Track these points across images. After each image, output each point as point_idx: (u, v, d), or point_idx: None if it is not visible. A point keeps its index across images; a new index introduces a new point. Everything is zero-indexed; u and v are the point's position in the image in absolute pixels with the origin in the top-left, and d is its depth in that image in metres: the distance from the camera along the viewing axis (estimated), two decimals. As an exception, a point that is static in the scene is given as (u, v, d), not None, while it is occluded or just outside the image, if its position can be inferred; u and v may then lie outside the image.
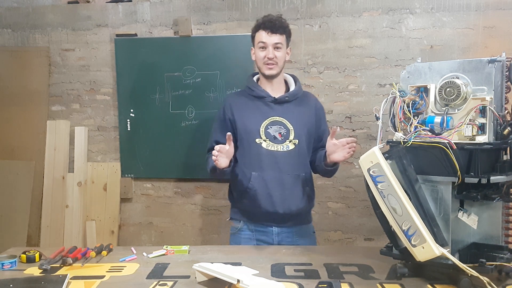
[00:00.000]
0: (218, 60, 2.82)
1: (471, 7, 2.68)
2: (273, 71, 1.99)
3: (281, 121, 1.99)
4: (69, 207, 2.99)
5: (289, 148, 1.98)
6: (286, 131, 1.99)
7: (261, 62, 2.00)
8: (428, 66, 1.47)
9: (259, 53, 1.99)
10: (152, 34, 2.92)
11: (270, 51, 1.96)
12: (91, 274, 1.55)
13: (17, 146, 3.04)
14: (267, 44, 1.96)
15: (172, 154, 2.91)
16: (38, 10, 3.01)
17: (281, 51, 1.99)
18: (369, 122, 2.80)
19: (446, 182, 1.37)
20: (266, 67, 1.99)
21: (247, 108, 2.03)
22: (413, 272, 1.45)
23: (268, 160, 1.97)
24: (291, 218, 2.01)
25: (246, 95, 2.08)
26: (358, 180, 2.82)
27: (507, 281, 1.39)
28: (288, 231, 2.02)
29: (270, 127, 1.99)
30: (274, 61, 1.97)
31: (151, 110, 2.90)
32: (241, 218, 2.06)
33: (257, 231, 2.03)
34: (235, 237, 2.07)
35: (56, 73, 3.02)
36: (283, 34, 1.99)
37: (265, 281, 1.40)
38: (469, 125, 1.35)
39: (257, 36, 2.00)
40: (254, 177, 1.97)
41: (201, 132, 2.87)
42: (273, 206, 1.96)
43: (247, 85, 2.10)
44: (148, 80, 2.89)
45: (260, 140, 1.98)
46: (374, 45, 2.77)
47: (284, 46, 2.01)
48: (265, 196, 1.96)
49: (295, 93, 2.05)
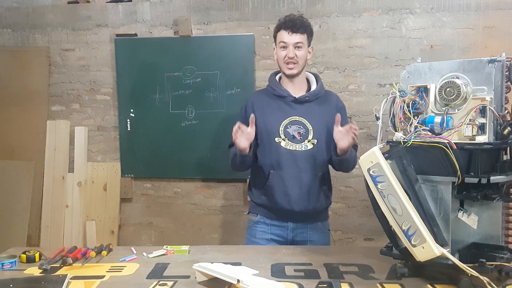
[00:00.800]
0: (218, 60, 2.82)
1: (471, 7, 2.68)
2: (294, 70, 2.01)
3: (300, 120, 2.01)
4: (69, 207, 2.99)
5: (308, 147, 2.00)
6: (305, 130, 2.00)
7: (282, 61, 2.01)
8: (428, 66, 1.47)
9: (280, 53, 2.01)
10: (152, 34, 2.92)
11: (291, 51, 1.97)
12: (91, 274, 1.55)
13: (17, 146, 3.04)
14: (288, 43, 1.98)
15: (172, 154, 2.91)
16: (38, 10, 3.01)
17: (302, 50, 2.00)
18: (369, 122, 2.81)
19: (446, 182, 1.37)
20: (286, 67, 2.00)
21: (268, 107, 2.05)
22: (413, 272, 1.45)
23: (286, 159, 1.99)
24: (307, 216, 2.03)
25: (268, 93, 2.10)
26: (358, 180, 2.82)
27: (507, 281, 1.39)
28: (303, 227, 2.05)
29: (289, 126, 2.00)
30: (294, 60, 1.98)
31: (151, 110, 2.90)
32: (258, 212, 2.09)
33: (273, 225, 2.05)
34: (251, 230, 2.10)
35: (56, 73, 3.02)
36: (304, 34, 1.99)
37: (265, 281, 1.40)
38: (469, 125, 1.35)
39: (279, 36, 2.01)
40: (272, 175, 2.00)
41: (201, 132, 2.87)
42: (290, 204, 1.98)
43: (269, 84, 2.11)
44: (148, 80, 2.89)
45: (279, 139, 2.00)
46: (374, 45, 2.77)
47: (305, 45, 2.01)
48: (282, 194, 1.99)
49: (316, 93, 2.06)
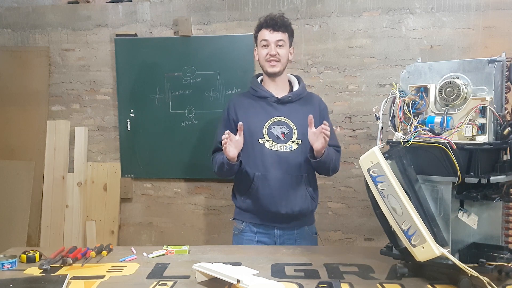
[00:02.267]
0: (218, 60, 2.82)
1: (471, 7, 2.68)
2: (276, 68, 1.99)
3: (284, 121, 1.99)
4: (69, 207, 2.99)
5: (292, 148, 1.98)
6: (289, 131, 1.98)
7: (263, 60, 2.00)
8: (428, 66, 1.47)
9: (262, 51, 2.00)
10: (152, 34, 2.92)
11: (273, 48, 1.96)
12: (91, 274, 1.55)
13: (17, 146, 3.04)
14: (269, 41, 1.97)
15: (172, 154, 2.91)
16: (38, 10, 3.01)
17: (283, 49, 1.99)
18: (369, 122, 2.80)
19: (446, 182, 1.37)
20: (268, 64, 1.99)
21: (250, 108, 2.03)
22: (413, 272, 1.45)
23: (271, 160, 1.96)
24: (294, 219, 2.00)
25: (250, 95, 2.09)
26: (358, 180, 2.82)
27: (507, 281, 1.39)
28: (290, 233, 2.01)
29: (273, 127, 1.98)
30: (276, 58, 1.97)
31: (151, 110, 2.90)
32: (244, 219, 2.05)
33: (259, 233, 2.02)
34: (237, 238, 2.06)
35: (56, 73, 3.02)
36: (285, 32, 1.99)
37: (265, 281, 1.40)
38: (469, 125, 1.35)
39: (260, 35, 2.01)
40: (257, 177, 1.96)
41: (201, 132, 2.87)
42: (276, 206, 1.95)
43: (251, 85, 2.10)
44: (148, 80, 2.89)
45: (263, 140, 1.97)
46: (374, 45, 2.77)
47: (287, 44, 2.01)
48: (267, 196, 1.96)
49: (299, 93, 2.05)
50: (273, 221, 1.99)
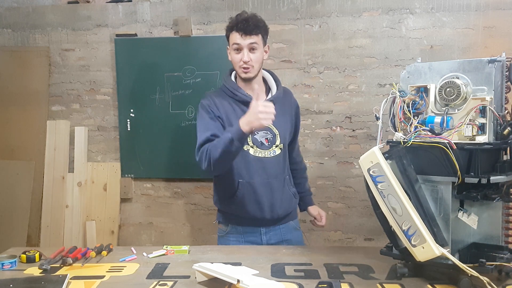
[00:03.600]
0: (218, 60, 2.81)
1: (471, 7, 2.68)
2: (250, 74, 1.91)
3: (267, 126, 1.87)
4: (69, 207, 2.99)
5: (276, 153, 1.96)
6: (272, 136, 1.95)
7: (236, 65, 1.92)
8: (428, 66, 1.47)
9: (234, 56, 1.90)
10: (152, 34, 2.92)
11: (245, 54, 1.86)
12: (91, 274, 1.55)
13: (17, 146, 3.04)
14: (241, 46, 1.87)
15: (172, 154, 2.91)
16: (38, 10, 3.01)
17: (257, 52, 1.89)
18: (369, 122, 2.80)
19: (446, 182, 1.37)
20: (242, 71, 1.91)
21: (233, 112, 1.93)
22: (413, 272, 1.45)
23: (255, 166, 1.93)
24: (279, 220, 2.02)
25: (227, 97, 1.97)
26: (358, 180, 2.82)
27: (507, 281, 1.39)
28: (275, 229, 2.02)
29: (256, 133, 1.93)
30: (249, 64, 1.88)
31: (151, 110, 2.90)
32: (229, 222, 2.03)
33: (245, 233, 2.01)
34: (223, 240, 2.05)
35: (56, 73, 3.02)
36: (258, 34, 1.88)
37: (265, 281, 1.40)
38: (469, 125, 1.35)
39: (231, 37, 1.90)
40: (242, 184, 1.93)
41: (201, 132, 2.87)
42: (261, 212, 1.94)
43: (228, 87, 1.97)
44: (148, 80, 2.89)
45: (247, 147, 1.92)
46: (374, 45, 2.77)
47: (261, 45, 1.90)
48: (253, 202, 1.94)
49: (278, 95, 2.00)
50: (259, 224, 1.99)
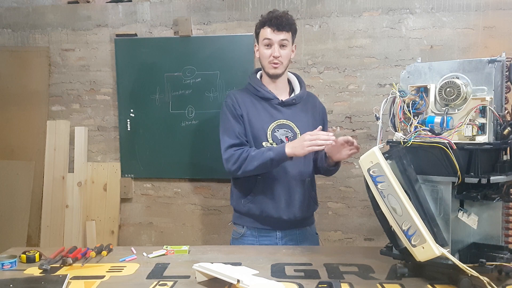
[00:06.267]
0: (218, 60, 2.82)
1: (471, 7, 2.68)
2: (278, 70, 1.94)
3: (288, 124, 1.94)
4: (69, 207, 2.99)
5: None
6: (292, 134, 1.94)
7: (266, 60, 1.93)
8: (428, 66, 1.47)
9: (264, 51, 1.93)
10: (152, 34, 2.92)
11: (276, 49, 1.89)
12: (91, 274, 1.55)
13: (17, 146, 3.04)
14: (273, 41, 1.90)
15: (172, 154, 2.91)
16: (38, 10, 3.01)
17: (286, 49, 1.93)
18: (369, 122, 2.80)
19: (446, 182, 1.37)
20: (271, 66, 1.93)
21: (254, 109, 1.96)
22: (413, 272, 1.45)
23: None
24: (295, 223, 1.98)
25: (251, 94, 2.00)
26: (358, 180, 2.82)
27: (507, 281, 1.39)
28: (292, 233, 1.99)
29: (277, 130, 1.93)
30: (279, 60, 1.91)
31: (151, 110, 2.90)
32: (244, 224, 2.00)
33: (261, 236, 1.99)
34: (238, 242, 2.02)
35: (56, 73, 3.02)
36: (289, 31, 1.92)
37: (265, 281, 1.40)
38: (469, 125, 1.35)
39: (262, 33, 1.93)
40: (259, 182, 1.92)
41: (201, 132, 2.87)
42: (278, 212, 1.92)
43: (252, 84, 2.01)
44: (148, 80, 2.89)
45: (267, 144, 1.92)
46: (374, 45, 2.77)
47: (290, 43, 1.95)
48: (270, 201, 1.92)
49: (302, 95, 2.01)
50: (275, 226, 1.97)
